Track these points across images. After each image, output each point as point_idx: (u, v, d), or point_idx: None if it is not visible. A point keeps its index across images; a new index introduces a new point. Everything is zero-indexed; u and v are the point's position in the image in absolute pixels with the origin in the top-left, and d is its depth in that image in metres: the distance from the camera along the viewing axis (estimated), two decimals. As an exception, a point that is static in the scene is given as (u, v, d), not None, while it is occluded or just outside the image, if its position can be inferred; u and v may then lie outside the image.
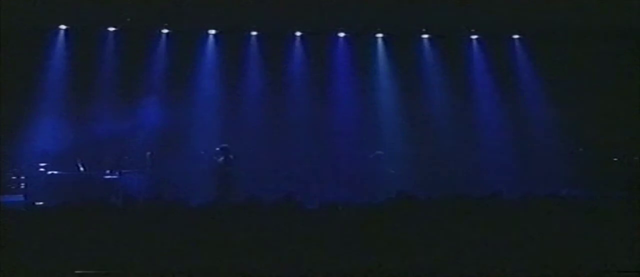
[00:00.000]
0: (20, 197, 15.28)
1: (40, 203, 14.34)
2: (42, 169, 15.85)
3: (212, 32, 18.25)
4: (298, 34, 18.49)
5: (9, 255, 8.34)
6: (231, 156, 15.98)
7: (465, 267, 8.11)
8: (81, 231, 9.19)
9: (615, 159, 17.62)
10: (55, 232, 9.14)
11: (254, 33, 18.36)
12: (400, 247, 8.69)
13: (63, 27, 17.54)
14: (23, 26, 16.25)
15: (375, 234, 9.20)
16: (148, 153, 16.74)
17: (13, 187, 16.07)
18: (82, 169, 16.06)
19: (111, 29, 17.71)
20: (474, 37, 18.86)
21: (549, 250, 8.45)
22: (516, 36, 18.83)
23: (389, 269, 8.21)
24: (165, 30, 17.96)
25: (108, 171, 16.01)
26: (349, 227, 9.48)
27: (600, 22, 16.66)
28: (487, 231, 9.19)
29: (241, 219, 9.89)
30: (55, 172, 15.71)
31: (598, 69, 17.67)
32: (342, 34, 18.62)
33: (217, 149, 16.14)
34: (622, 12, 15.73)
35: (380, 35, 18.79)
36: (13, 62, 16.22)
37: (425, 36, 18.74)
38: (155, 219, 9.76)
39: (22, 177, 15.94)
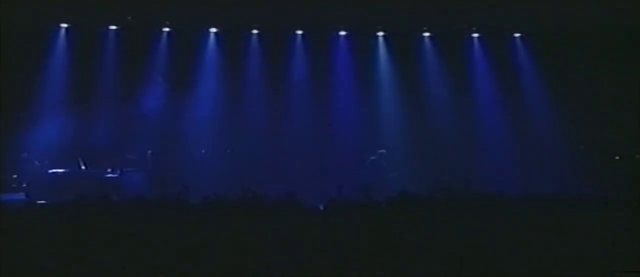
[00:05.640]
0: (22, 196, 15.29)
1: (42, 202, 14.35)
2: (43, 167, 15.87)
3: (213, 30, 18.25)
4: (299, 32, 18.48)
5: (10, 254, 8.34)
6: None
7: (467, 267, 8.11)
8: (82, 229, 9.20)
9: (617, 158, 17.60)
10: (56, 230, 9.15)
11: (255, 32, 18.36)
12: (402, 246, 8.69)
13: (64, 25, 17.55)
14: (24, 25, 16.26)
15: (376, 233, 9.20)
16: (149, 151, 16.77)
17: (15, 186, 16.08)
18: (83, 167, 16.07)
19: (112, 27, 17.71)
20: (475, 35, 18.85)
21: (550, 249, 8.45)
22: (517, 34, 18.81)
23: (390, 268, 8.21)
24: (166, 29, 17.96)
25: (109, 170, 16.03)
26: (350, 226, 9.48)
27: (601, 20, 16.65)
28: (488, 230, 9.18)
29: (242, 217, 9.89)
30: (57, 170, 15.73)
31: (599, 67, 17.66)
32: (343, 33, 18.62)
33: None
34: (623, 11, 15.72)
35: (381, 33, 18.78)
36: (14, 60, 16.23)
37: (426, 34, 18.73)
38: (156, 218, 9.76)
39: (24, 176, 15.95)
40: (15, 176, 16.20)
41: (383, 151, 17.23)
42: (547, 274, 7.96)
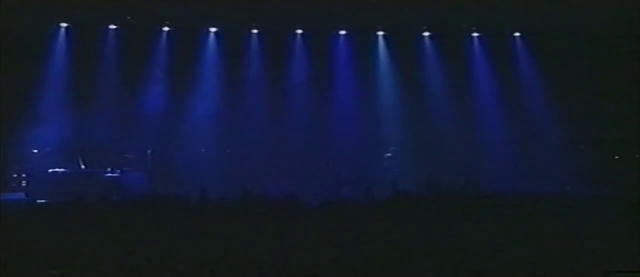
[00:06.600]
0: (22, 195, 15.30)
1: (42, 201, 14.37)
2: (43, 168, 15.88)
3: (213, 30, 18.23)
4: (299, 32, 18.47)
5: (10, 252, 8.35)
6: None
7: (465, 266, 8.11)
8: (82, 228, 9.22)
9: (616, 157, 17.61)
10: (56, 229, 9.17)
11: (255, 31, 18.35)
12: (400, 245, 8.70)
13: (64, 25, 17.53)
14: (24, 24, 16.25)
15: (376, 231, 9.22)
16: (149, 151, 16.79)
17: (14, 185, 16.09)
18: (83, 166, 16.08)
19: (112, 26, 17.69)
20: (475, 35, 18.84)
21: (549, 249, 8.46)
22: (517, 34, 18.80)
23: (389, 267, 8.21)
24: (166, 29, 17.95)
25: (109, 169, 16.04)
26: (349, 224, 9.50)
27: (601, 20, 16.64)
28: (487, 229, 9.20)
29: (242, 216, 9.91)
30: (57, 170, 15.73)
31: (599, 67, 17.66)
32: (343, 32, 18.60)
33: None
34: (622, 11, 15.72)
35: (381, 33, 18.76)
36: (14, 60, 16.22)
37: (426, 34, 18.72)
38: (155, 217, 9.78)
39: (24, 175, 15.95)
40: (15, 176, 16.21)
41: (392, 148, 17.39)
42: (546, 273, 7.97)
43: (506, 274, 7.87)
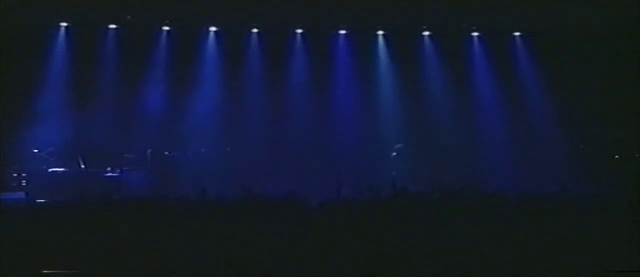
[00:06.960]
0: (22, 195, 15.30)
1: (42, 201, 14.37)
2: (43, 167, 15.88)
3: (213, 29, 18.25)
4: (299, 31, 18.49)
5: (10, 253, 8.35)
6: None
7: (466, 266, 8.12)
8: (82, 228, 9.22)
9: (616, 157, 17.62)
10: (56, 229, 9.17)
11: (255, 31, 18.36)
12: (400, 245, 8.70)
13: (64, 24, 17.54)
14: (24, 23, 16.25)
15: (376, 231, 9.22)
16: (149, 151, 16.79)
17: (14, 185, 16.09)
18: (83, 166, 16.08)
19: (112, 26, 17.70)
20: (475, 34, 18.84)
21: (549, 249, 8.46)
22: (517, 34, 18.82)
23: (390, 267, 8.22)
24: (166, 28, 17.96)
25: (109, 169, 16.05)
26: (349, 224, 9.50)
27: (601, 20, 16.65)
28: (488, 229, 9.20)
29: (242, 216, 9.91)
30: (57, 169, 15.73)
31: (599, 67, 17.67)
32: (343, 32, 18.62)
33: None
34: (622, 11, 15.73)
35: (381, 32, 18.77)
36: (14, 59, 16.22)
37: (426, 34, 18.73)
38: (155, 217, 9.78)
39: (24, 175, 15.95)
40: (15, 176, 16.21)
41: (399, 145, 17.45)
42: (546, 274, 7.97)
43: (506, 274, 7.87)
